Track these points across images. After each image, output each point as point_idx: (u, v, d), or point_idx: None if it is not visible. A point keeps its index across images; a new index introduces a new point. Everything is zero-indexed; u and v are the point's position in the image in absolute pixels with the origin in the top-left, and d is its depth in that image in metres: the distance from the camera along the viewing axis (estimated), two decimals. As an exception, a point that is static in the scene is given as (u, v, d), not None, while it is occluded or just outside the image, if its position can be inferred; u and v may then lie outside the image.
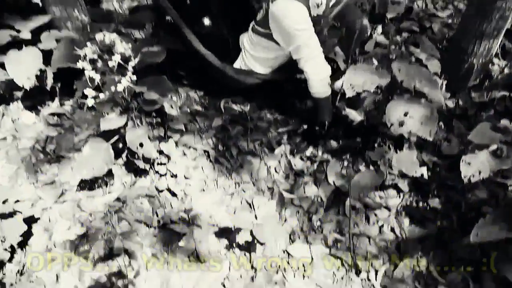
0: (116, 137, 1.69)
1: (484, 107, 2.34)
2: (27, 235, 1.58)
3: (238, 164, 1.97)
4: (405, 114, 1.75)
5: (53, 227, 1.63)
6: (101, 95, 1.55)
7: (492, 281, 1.53)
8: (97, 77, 1.52)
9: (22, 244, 1.56)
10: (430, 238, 1.69)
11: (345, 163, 1.98)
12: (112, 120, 1.62)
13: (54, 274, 1.50)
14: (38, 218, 1.65)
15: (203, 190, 1.86)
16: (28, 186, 1.75)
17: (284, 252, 1.66)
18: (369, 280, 1.57)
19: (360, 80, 1.76)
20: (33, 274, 1.49)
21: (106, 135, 1.69)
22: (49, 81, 1.96)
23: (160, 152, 1.82)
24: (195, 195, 1.83)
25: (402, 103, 1.78)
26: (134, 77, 1.56)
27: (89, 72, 1.52)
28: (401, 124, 1.73)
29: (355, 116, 2.19)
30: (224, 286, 1.53)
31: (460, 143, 2.08)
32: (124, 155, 1.82)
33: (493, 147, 1.64)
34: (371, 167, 1.95)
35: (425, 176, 1.84)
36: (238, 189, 1.88)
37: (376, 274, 1.58)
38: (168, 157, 1.85)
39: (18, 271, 1.49)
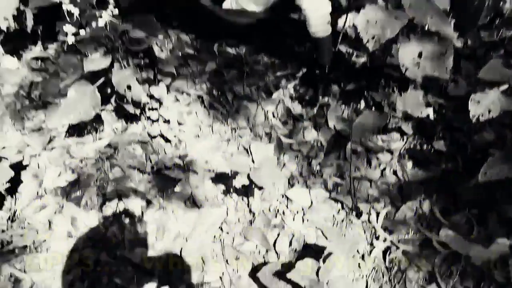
0: (102, 80, 1.58)
1: (494, 47, 2.21)
2: (16, 182, 1.52)
3: (234, 110, 1.88)
4: (419, 55, 1.64)
5: (43, 174, 1.57)
6: (82, 32, 1.43)
7: (497, 222, 1.49)
8: (76, 11, 1.39)
9: (12, 191, 1.51)
10: (433, 181, 1.64)
11: (347, 107, 1.89)
12: (96, 61, 1.51)
13: (46, 220, 1.46)
14: (27, 165, 1.59)
15: (198, 136, 1.78)
16: (15, 133, 1.68)
17: (283, 196, 1.61)
18: (369, 222, 1.53)
19: (377, 27, 1.61)
20: (24, 220, 1.45)
21: (91, 78, 1.59)
22: (29, 23, 1.82)
23: (151, 97, 1.72)
24: (190, 141, 1.75)
25: (414, 43, 1.66)
26: (116, 11, 1.43)
27: (67, 6, 1.39)
28: (417, 65, 1.62)
29: (358, 57, 2.07)
30: (222, 230, 1.50)
31: (467, 84, 1.98)
32: (113, 100, 1.73)
33: (504, 86, 1.54)
34: (374, 110, 1.86)
35: (431, 117, 1.76)
36: (234, 134, 1.80)
37: (377, 216, 1.54)
38: (160, 102, 1.76)
39: (9, 218, 1.45)
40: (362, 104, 1.89)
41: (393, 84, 1.91)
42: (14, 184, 1.51)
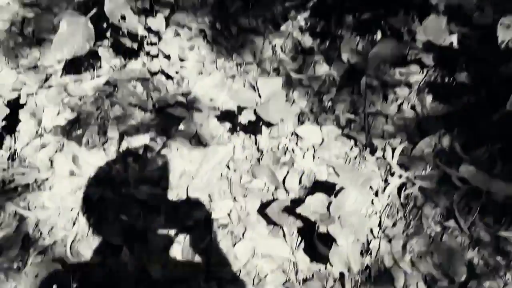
0: (94, 10, 1.46)
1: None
2: (14, 121, 1.47)
3: (239, 44, 1.75)
4: None
5: (41, 113, 1.50)
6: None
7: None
8: None
9: (10, 130, 1.46)
10: (455, 115, 1.53)
11: (362, 39, 1.74)
12: (87, -13, 1.38)
13: (48, 159, 1.41)
14: (24, 104, 1.52)
15: (201, 72, 1.68)
16: (10, 71, 1.59)
17: (292, 134, 1.53)
18: (384, 158, 1.45)
19: None
20: (25, 159, 1.41)
21: (84, 10, 1.47)
22: (15, -48, 1.68)
23: (149, 30, 1.60)
24: (193, 78, 1.65)
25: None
26: None
27: None
28: None
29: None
30: (228, 168, 1.44)
31: (494, 12, 1.80)
32: (108, 35, 1.61)
33: (539, 7, 1.38)
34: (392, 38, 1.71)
35: (455, 44, 1.61)
36: (240, 70, 1.69)
37: (392, 152, 1.46)
38: (159, 36, 1.64)
39: (9, 157, 1.41)
40: (379, 35, 1.74)
41: (413, 12, 1.74)
42: (12, 123, 1.46)
